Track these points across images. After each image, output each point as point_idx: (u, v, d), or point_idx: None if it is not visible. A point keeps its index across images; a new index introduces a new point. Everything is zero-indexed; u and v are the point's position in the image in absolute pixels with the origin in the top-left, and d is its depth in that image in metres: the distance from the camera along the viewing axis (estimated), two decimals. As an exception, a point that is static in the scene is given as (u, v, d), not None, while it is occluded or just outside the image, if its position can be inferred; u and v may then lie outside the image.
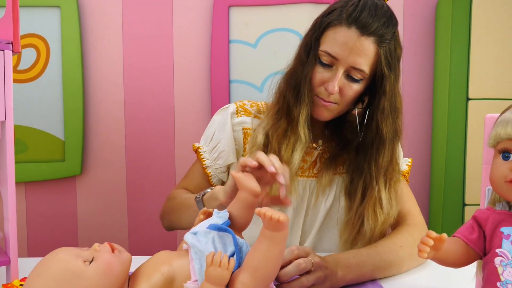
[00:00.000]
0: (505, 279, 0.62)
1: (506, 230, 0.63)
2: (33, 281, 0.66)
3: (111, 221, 1.91)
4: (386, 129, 1.05)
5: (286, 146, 1.08)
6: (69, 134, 1.83)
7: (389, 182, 1.07)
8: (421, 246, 0.63)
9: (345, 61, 1.01)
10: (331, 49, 1.02)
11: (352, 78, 1.03)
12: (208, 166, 1.20)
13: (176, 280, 0.68)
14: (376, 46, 1.01)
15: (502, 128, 0.64)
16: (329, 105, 1.05)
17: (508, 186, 0.63)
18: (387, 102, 1.04)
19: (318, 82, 1.05)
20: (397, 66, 1.05)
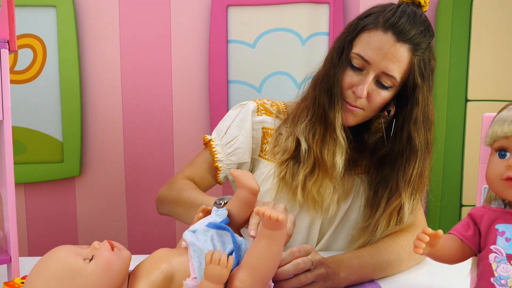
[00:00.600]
0: (499, 275, 0.62)
1: (501, 227, 0.64)
2: (34, 279, 0.67)
3: (110, 222, 1.91)
4: (419, 140, 1.05)
5: (328, 151, 1.06)
6: (68, 135, 1.82)
7: (415, 194, 1.07)
8: (417, 242, 0.64)
9: (377, 66, 0.99)
10: (364, 52, 1.00)
11: (382, 85, 1.01)
12: (219, 160, 1.18)
13: (175, 277, 0.69)
14: (410, 54, 0.99)
15: (498, 127, 0.64)
16: (355, 110, 1.04)
17: (504, 184, 0.63)
18: (420, 112, 1.03)
19: (347, 85, 1.04)
20: (430, 77, 1.04)
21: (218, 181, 1.22)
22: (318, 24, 1.76)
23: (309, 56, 1.76)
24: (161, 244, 1.92)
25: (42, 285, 0.66)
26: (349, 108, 1.04)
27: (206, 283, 0.64)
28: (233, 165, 1.18)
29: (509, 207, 0.66)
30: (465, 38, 1.69)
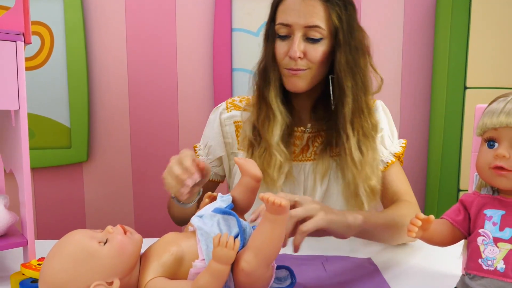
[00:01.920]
0: (486, 256, 0.66)
1: (489, 212, 0.68)
2: (51, 261, 0.69)
3: (117, 206, 1.95)
4: (346, 81, 1.07)
5: (268, 127, 1.12)
6: (75, 121, 1.86)
7: (358, 132, 1.09)
8: (410, 227, 0.68)
9: (298, 24, 1.05)
10: (283, 19, 1.07)
11: (312, 39, 1.06)
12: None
13: (184, 259, 0.72)
14: (323, 3, 1.05)
15: (488, 119, 0.68)
16: (299, 72, 1.08)
17: (492, 172, 0.67)
18: (342, 54, 1.07)
19: (282, 55, 1.09)
20: (350, 21, 1.08)
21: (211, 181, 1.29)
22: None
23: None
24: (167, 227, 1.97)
25: (59, 266, 0.68)
26: (293, 73, 1.09)
27: (214, 264, 0.67)
28: (214, 161, 1.26)
29: (497, 193, 0.69)
30: (464, 27, 1.71)
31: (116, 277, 0.69)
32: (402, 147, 1.20)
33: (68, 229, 0.79)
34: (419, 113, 1.95)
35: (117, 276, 0.69)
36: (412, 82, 1.93)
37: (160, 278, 0.71)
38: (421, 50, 1.92)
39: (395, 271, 0.94)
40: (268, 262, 0.73)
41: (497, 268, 0.65)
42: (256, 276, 0.72)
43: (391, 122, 1.22)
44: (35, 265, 0.84)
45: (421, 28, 1.91)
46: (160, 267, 0.71)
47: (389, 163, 1.16)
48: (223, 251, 0.67)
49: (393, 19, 1.89)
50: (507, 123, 0.65)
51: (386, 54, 1.91)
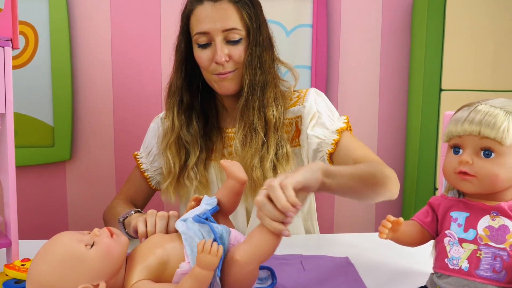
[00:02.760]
0: (452, 256, 0.71)
1: (455, 214, 0.72)
2: (39, 263, 0.70)
3: (100, 205, 1.89)
4: (245, 77, 1.12)
5: (164, 137, 1.20)
6: (58, 120, 1.85)
7: (245, 126, 1.13)
8: (381, 228, 0.72)
9: (216, 30, 1.09)
10: (200, 28, 1.10)
11: (232, 41, 1.10)
12: (145, 170, 1.29)
13: (170, 261, 0.74)
14: (233, 4, 1.09)
15: (453, 126, 0.72)
16: (228, 75, 1.12)
17: (457, 176, 0.71)
18: (248, 52, 1.11)
19: (206, 62, 1.12)
20: (258, 17, 1.12)
21: (153, 188, 1.32)
22: (302, 16, 1.81)
23: (294, 47, 1.82)
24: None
25: (47, 269, 0.69)
26: (222, 77, 1.13)
27: (197, 270, 0.69)
28: (159, 170, 1.28)
29: (462, 196, 0.74)
30: (439, 31, 1.74)
31: (102, 279, 0.70)
32: (345, 123, 1.19)
33: (50, 228, 0.81)
34: (396, 114, 1.99)
35: (103, 278, 0.70)
36: (389, 84, 1.97)
37: (144, 281, 0.72)
38: (398, 53, 1.96)
39: (370, 269, 0.98)
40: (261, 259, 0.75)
41: (462, 267, 0.70)
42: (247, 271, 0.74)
43: (328, 104, 1.22)
44: (19, 266, 0.85)
45: (398, 32, 1.94)
46: (145, 269, 0.73)
47: (335, 139, 1.15)
48: (206, 258, 0.69)
49: (371, 23, 1.93)
50: (470, 131, 0.69)
51: (365, 58, 1.95)
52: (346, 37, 1.92)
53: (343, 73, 1.94)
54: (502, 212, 0.70)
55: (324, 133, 1.17)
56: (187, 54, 1.17)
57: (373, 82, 1.96)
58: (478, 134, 0.69)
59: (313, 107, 1.18)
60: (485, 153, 0.69)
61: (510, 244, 0.68)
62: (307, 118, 1.18)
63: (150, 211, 0.93)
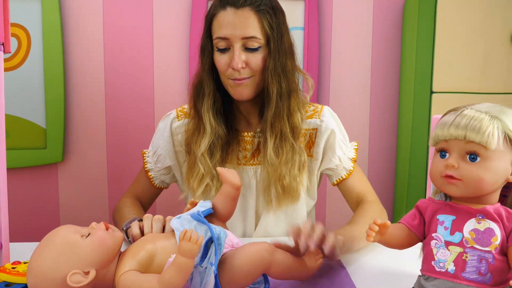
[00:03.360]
0: (438, 258, 0.72)
1: (441, 218, 0.73)
2: (39, 251, 0.76)
3: (92, 207, 1.95)
4: (272, 87, 1.13)
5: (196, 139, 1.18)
6: (51, 122, 1.85)
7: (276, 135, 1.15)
8: (368, 231, 0.73)
9: (236, 36, 1.10)
10: (220, 33, 1.11)
11: (250, 49, 1.11)
12: (149, 169, 1.30)
13: (157, 255, 0.77)
14: (255, 13, 1.10)
15: (440, 130, 0.73)
16: (243, 81, 1.13)
17: (443, 180, 0.72)
18: (271, 61, 1.12)
19: (224, 66, 1.14)
20: (280, 26, 1.13)
21: (158, 188, 1.33)
22: (294, 19, 1.82)
23: (285, 49, 1.82)
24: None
25: (44, 255, 0.75)
26: (237, 83, 1.14)
27: (179, 258, 0.72)
28: (162, 170, 1.29)
29: (449, 200, 0.75)
30: (430, 33, 1.76)
31: (93, 267, 0.74)
32: (355, 149, 1.27)
33: (42, 230, 0.83)
34: (387, 116, 2.01)
35: (94, 267, 0.75)
36: (380, 86, 1.98)
37: (132, 271, 0.76)
38: (389, 56, 1.97)
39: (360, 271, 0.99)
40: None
41: (448, 270, 0.71)
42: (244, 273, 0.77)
43: (341, 127, 1.27)
44: (9, 269, 0.86)
45: (389, 35, 1.96)
46: (134, 261, 0.77)
47: (351, 169, 1.24)
48: (187, 245, 0.71)
49: (362, 26, 1.94)
50: (456, 136, 0.70)
51: (356, 60, 1.96)
52: (337, 39, 1.93)
53: (334, 75, 1.95)
54: (487, 215, 0.71)
55: (343, 157, 1.24)
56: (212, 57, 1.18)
57: (365, 85, 1.97)
58: (463, 138, 0.70)
59: (330, 125, 1.23)
60: (471, 157, 0.70)
61: (495, 247, 0.69)
62: (325, 133, 1.22)
63: (146, 215, 0.95)
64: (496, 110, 0.71)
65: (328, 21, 1.91)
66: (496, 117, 0.70)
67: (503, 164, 0.71)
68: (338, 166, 1.24)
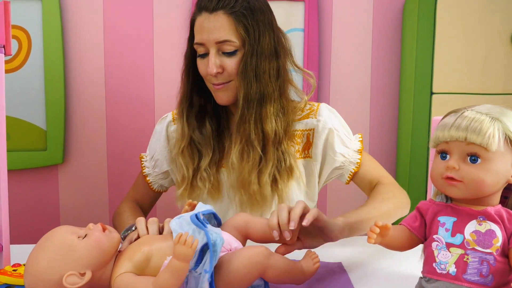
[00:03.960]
0: (439, 260, 0.72)
1: (442, 219, 0.73)
2: (36, 252, 0.76)
3: (92, 209, 1.94)
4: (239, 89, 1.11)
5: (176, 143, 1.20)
6: (51, 124, 1.85)
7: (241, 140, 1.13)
8: (369, 233, 0.73)
9: (210, 41, 1.08)
10: (197, 38, 1.11)
11: (227, 53, 1.09)
12: (148, 174, 1.29)
13: (153, 257, 0.77)
14: (227, 16, 1.08)
15: (440, 132, 0.73)
16: (222, 86, 1.12)
17: (444, 182, 0.72)
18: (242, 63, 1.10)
19: (203, 72, 1.13)
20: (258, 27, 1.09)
21: (157, 192, 1.32)
22: (294, 20, 1.82)
23: (285, 51, 1.82)
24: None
25: (41, 256, 0.75)
26: (216, 88, 1.13)
27: (173, 261, 0.72)
28: (160, 175, 1.29)
29: (450, 201, 0.75)
30: (430, 34, 1.76)
31: (89, 269, 0.75)
32: (360, 142, 1.24)
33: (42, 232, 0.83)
34: (387, 117, 2.00)
35: (89, 268, 0.75)
36: (380, 88, 1.98)
37: (127, 273, 0.76)
38: (389, 57, 1.97)
39: (361, 273, 0.99)
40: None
41: (449, 272, 0.71)
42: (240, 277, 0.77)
43: (342, 121, 1.24)
44: (10, 271, 0.86)
45: (389, 36, 1.96)
46: (130, 264, 0.77)
47: (359, 159, 1.20)
48: (181, 249, 0.71)
49: (362, 27, 1.94)
50: (457, 137, 0.70)
51: (356, 61, 1.96)
52: (337, 40, 1.93)
53: (334, 76, 1.95)
54: (488, 217, 0.71)
55: (347, 152, 1.20)
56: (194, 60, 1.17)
57: (365, 86, 1.97)
58: (464, 140, 0.70)
59: (328, 123, 1.19)
60: (472, 159, 0.70)
61: (497, 248, 0.69)
62: (322, 133, 1.19)
63: (138, 219, 0.93)
64: (497, 112, 0.71)
65: (328, 22, 1.92)
66: (496, 119, 0.70)
67: (504, 165, 0.71)
68: (344, 162, 1.20)
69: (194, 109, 1.18)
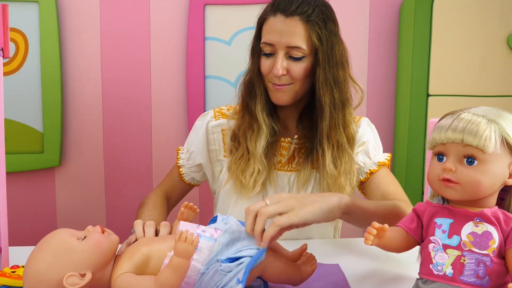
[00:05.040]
0: (436, 262, 0.72)
1: (439, 221, 0.74)
2: (35, 253, 0.76)
3: (89, 211, 1.94)
4: (324, 98, 1.14)
5: (250, 137, 1.18)
6: (48, 126, 1.85)
7: (333, 146, 1.16)
8: (366, 235, 0.74)
9: (281, 44, 1.11)
10: (267, 38, 1.13)
11: (294, 58, 1.12)
12: (181, 165, 1.31)
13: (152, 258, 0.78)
14: (303, 23, 1.10)
15: (437, 134, 0.74)
16: (282, 87, 1.15)
17: (441, 183, 0.73)
18: (321, 72, 1.13)
19: (266, 70, 1.15)
20: (330, 38, 1.13)
21: (188, 184, 1.34)
22: (291, 23, 1.82)
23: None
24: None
25: (40, 257, 0.75)
26: (277, 88, 1.16)
27: (175, 258, 0.73)
28: (193, 167, 1.30)
29: (446, 203, 0.75)
30: (426, 36, 1.77)
31: (89, 270, 0.75)
32: (387, 159, 1.25)
33: (39, 234, 0.83)
34: (384, 119, 2.01)
35: (90, 269, 0.75)
36: (377, 90, 1.99)
37: (127, 273, 0.76)
38: (385, 59, 1.97)
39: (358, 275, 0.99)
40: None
41: (446, 273, 0.71)
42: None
43: (377, 137, 1.27)
44: (9, 273, 0.86)
45: (385, 38, 1.96)
46: (131, 265, 0.77)
47: (371, 169, 1.21)
48: (182, 246, 0.72)
49: (358, 29, 1.95)
50: (454, 139, 0.71)
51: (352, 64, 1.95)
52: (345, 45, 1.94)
53: (332, 79, 1.95)
54: (485, 219, 0.71)
55: (365, 161, 1.22)
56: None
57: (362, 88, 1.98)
58: (461, 142, 0.70)
59: (364, 136, 1.23)
60: (468, 161, 0.71)
61: (493, 250, 0.69)
62: (357, 143, 1.22)
63: (136, 222, 0.95)
64: (493, 114, 0.72)
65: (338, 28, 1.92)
66: (493, 121, 0.71)
67: (501, 167, 0.71)
68: (358, 169, 1.22)
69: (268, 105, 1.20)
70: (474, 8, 1.74)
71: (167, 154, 1.91)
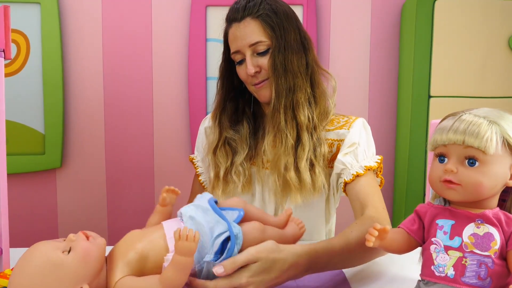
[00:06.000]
0: (438, 263, 0.72)
1: (441, 222, 0.73)
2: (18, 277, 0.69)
3: (90, 213, 1.95)
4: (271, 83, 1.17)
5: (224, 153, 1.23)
6: (49, 128, 1.86)
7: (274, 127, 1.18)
8: (368, 236, 0.74)
9: (244, 46, 1.16)
10: (233, 48, 1.19)
11: (260, 53, 1.17)
12: (201, 173, 1.33)
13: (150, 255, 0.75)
14: (254, 19, 1.16)
15: (438, 135, 0.73)
16: (262, 84, 1.19)
17: (442, 185, 0.72)
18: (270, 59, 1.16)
19: (244, 76, 1.21)
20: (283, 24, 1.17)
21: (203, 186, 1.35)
22: (292, 24, 1.83)
23: (283, 54, 1.83)
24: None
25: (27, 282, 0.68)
26: (258, 87, 1.20)
27: (178, 257, 0.71)
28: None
29: (448, 204, 0.75)
30: (427, 38, 1.77)
31: (84, 282, 0.71)
32: (376, 163, 1.18)
33: (40, 235, 0.82)
34: (386, 121, 2.01)
35: (85, 281, 0.71)
36: (378, 91, 1.99)
37: (127, 277, 0.73)
38: (387, 61, 1.98)
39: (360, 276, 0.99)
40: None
41: (448, 275, 0.71)
42: None
43: (370, 139, 1.22)
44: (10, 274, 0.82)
45: (387, 40, 1.97)
46: (125, 266, 0.74)
47: (354, 174, 1.14)
48: (184, 244, 0.71)
49: (360, 31, 1.95)
50: (455, 140, 0.71)
51: (354, 65, 1.97)
52: (335, 44, 1.94)
53: (333, 80, 1.95)
54: (486, 220, 0.71)
55: (352, 163, 1.16)
56: (229, 69, 1.25)
57: (363, 90, 1.98)
58: (462, 143, 0.70)
59: (356, 137, 1.19)
60: (469, 162, 0.70)
61: (495, 251, 0.69)
62: (347, 144, 1.19)
63: None
64: (495, 115, 0.72)
65: (327, 26, 1.92)
66: (494, 122, 0.70)
67: (502, 168, 0.71)
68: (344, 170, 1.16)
69: (227, 113, 1.26)
70: (475, 9, 1.75)
71: (169, 156, 1.92)
